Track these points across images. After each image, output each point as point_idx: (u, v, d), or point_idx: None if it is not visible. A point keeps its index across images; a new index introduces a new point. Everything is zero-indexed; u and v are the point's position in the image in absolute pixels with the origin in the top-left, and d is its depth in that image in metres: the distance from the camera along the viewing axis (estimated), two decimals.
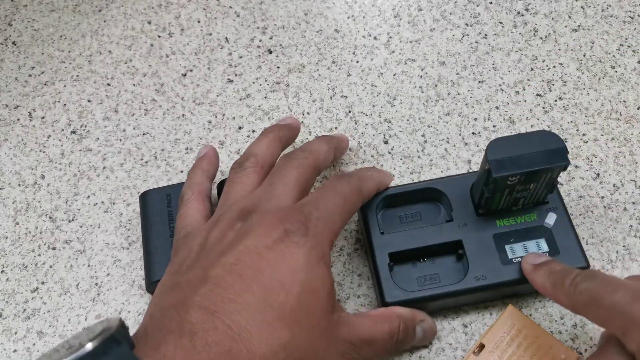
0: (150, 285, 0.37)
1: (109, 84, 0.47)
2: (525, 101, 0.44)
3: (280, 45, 0.48)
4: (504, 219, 0.36)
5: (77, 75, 0.48)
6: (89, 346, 0.22)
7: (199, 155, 0.38)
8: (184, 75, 0.47)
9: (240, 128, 0.44)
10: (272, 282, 0.26)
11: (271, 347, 0.25)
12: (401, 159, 0.42)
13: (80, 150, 0.44)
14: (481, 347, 0.33)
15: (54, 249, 0.41)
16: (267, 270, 0.26)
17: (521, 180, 0.32)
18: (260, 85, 0.46)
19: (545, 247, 0.35)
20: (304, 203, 0.30)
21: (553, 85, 0.45)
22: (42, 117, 0.46)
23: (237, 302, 0.25)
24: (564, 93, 0.45)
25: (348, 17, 0.49)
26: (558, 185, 0.38)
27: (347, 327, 0.28)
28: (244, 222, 0.29)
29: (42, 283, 0.39)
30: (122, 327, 0.24)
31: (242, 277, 0.26)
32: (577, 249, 0.34)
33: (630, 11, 0.48)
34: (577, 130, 0.43)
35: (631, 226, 0.39)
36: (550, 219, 0.34)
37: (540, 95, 0.45)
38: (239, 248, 0.27)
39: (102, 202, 0.42)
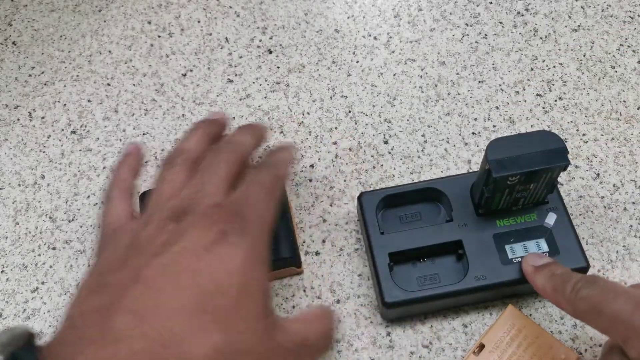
0: None
1: (109, 84, 0.47)
2: (525, 101, 0.44)
3: (280, 45, 0.48)
4: (504, 219, 0.36)
5: (77, 75, 0.48)
6: None
7: (124, 152, 0.37)
8: (184, 75, 0.47)
9: None
10: (207, 285, 0.25)
11: (204, 352, 0.24)
12: (401, 159, 0.42)
13: (80, 150, 0.44)
14: (481, 347, 0.33)
15: (54, 249, 0.41)
16: (203, 273, 0.25)
17: (521, 180, 0.32)
18: (260, 85, 0.46)
19: (545, 247, 0.35)
20: (236, 201, 0.29)
21: (553, 85, 0.45)
22: (42, 117, 0.46)
23: (169, 306, 0.24)
24: (564, 93, 0.45)
25: (348, 17, 0.49)
26: (558, 186, 0.38)
27: (281, 332, 0.28)
28: (178, 224, 0.28)
29: (42, 283, 0.39)
30: (29, 342, 0.23)
31: (176, 280, 0.25)
32: (577, 249, 0.34)
33: (630, 11, 0.48)
34: (577, 130, 0.43)
35: (631, 226, 0.39)
36: (550, 219, 0.34)
37: (540, 95, 0.45)
38: (175, 249, 0.26)
39: (102, 202, 0.42)
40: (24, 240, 0.41)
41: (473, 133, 0.43)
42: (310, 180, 0.42)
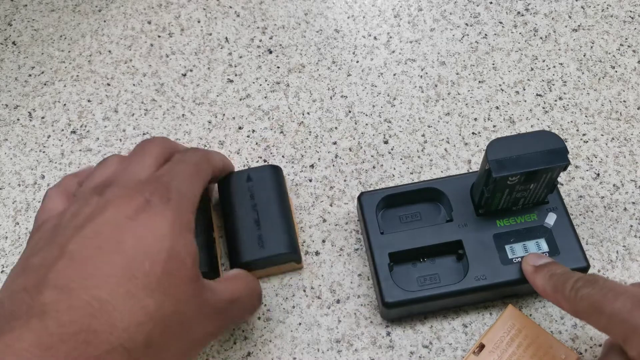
0: None
1: (109, 84, 0.47)
2: (525, 101, 0.44)
3: (280, 45, 0.48)
4: (504, 219, 0.35)
5: (77, 75, 0.48)
6: None
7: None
8: (184, 75, 0.47)
9: (240, 128, 0.44)
10: (135, 252, 0.25)
11: (136, 318, 0.24)
12: (401, 159, 0.42)
13: (80, 150, 0.44)
14: (481, 347, 0.33)
15: None
16: (130, 241, 0.25)
17: (521, 180, 0.32)
18: (260, 85, 0.46)
19: (545, 247, 0.35)
20: (160, 173, 0.29)
21: (553, 85, 0.45)
22: (42, 117, 0.46)
23: (96, 276, 0.24)
24: (564, 93, 0.45)
25: (348, 17, 0.49)
26: (558, 186, 0.38)
27: (211, 292, 0.28)
28: (101, 196, 0.28)
29: None
30: None
31: (101, 250, 0.25)
32: (577, 249, 0.34)
33: (630, 11, 0.48)
34: (577, 130, 0.43)
35: (631, 226, 0.39)
36: (551, 219, 0.34)
37: (540, 95, 0.45)
38: (97, 221, 0.26)
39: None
40: (24, 241, 0.41)
41: (473, 133, 0.43)
42: (310, 180, 0.42)
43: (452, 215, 0.36)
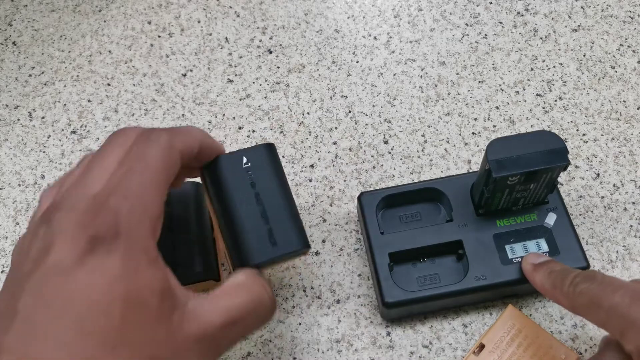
0: None
1: (109, 84, 0.47)
2: (525, 101, 0.44)
3: (280, 45, 0.48)
4: (504, 219, 0.36)
5: (77, 75, 0.48)
6: None
7: None
8: (184, 75, 0.47)
9: (240, 128, 0.44)
10: (86, 307, 0.22)
11: None
12: (401, 159, 0.42)
13: (80, 150, 0.44)
14: (481, 347, 0.33)
15: None
16: (78, 294, 0.22)
17: (521, 180, 0.32)
18: (260, 85, 0.46)
19: (545, 247, 0.35)
20: (110, 191, 0.24)
21: (553, 85, 0.45)
22: (42, 117, 0.46)
23: (49, 339, 0.21)
24: (564, 93, 0.45)
25: (348, 17, 0.49)
26: (558, 186, 0.38)
27: (196, 321, 0.24)
28: (48, 227, 0.24)
29: None
30: None
31: (50, 309, 0.22)
32: (577, 249, 0.34)
33: (630, 11, 0.48)
34: (577, 130, 0.43)
35: (631, 226, 0.39)
36: (551, 219, 0.34)
37: (540, 95, 0.45)
38: (42, 269, 0.23)
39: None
40: None
41: (473, 133, 0.43)
42: (310, 180, 0.42)
43: (452, 215, 0.36)
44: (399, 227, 0.37)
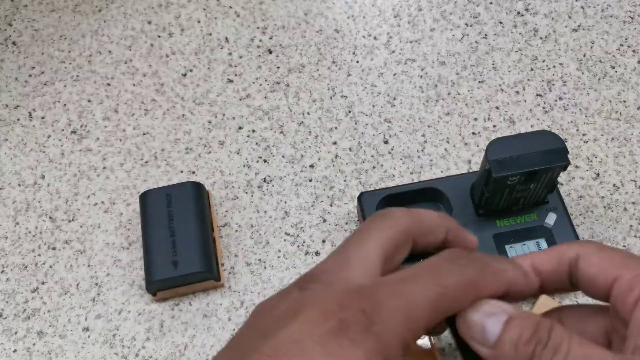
0: (150, 285, 0.37)
1: (109, 84, 0.47)
2: (525, 101, 0.44)
3: (280, 45, 0.48)
4: (504, 219, 0.35)
5: (77, 75, 0.48)
6: None
7: None
8: (184, 75, 0.47)
9: (240, 128, 0.44)
10: None
11: None
12: (401, 159, 0.42)
13: (80, 150, 0.44)
14: None
15: (54, 249, 0.41)
16: None
17: (521, 180, 0.32)
18: (260, 85, 0.46)
19: (545, 247, 0.35)
20: (381, 283, 0.23)
21: (553, 85, 0.45)
22: (42, 117, 0.46)
23: None
24: (564, 93, 0.45)
25: (348, 17, 0.49)
26: (558, 185, 0.38)
27: None
28: (300, 292, 0.23)
29: (42, 283, 0.39)
30: None
31: None
32: None
33: (630, 11, 0.48)
34: (577, 130, 0.43)
35: (631, 226, 0.39)
36: (550, 219, 0.34)
37: (540, 95, 0.45)
38: (281, 335, 0.21)
39: (102, 202, 0.42)
40: (24, 240, 0.41)
41: (473, 133, 0.43)
42: (310, 180, 0.42)
43: (452, 215, 0.36)
44: None
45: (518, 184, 0.33)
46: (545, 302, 0.34)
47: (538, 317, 0.22)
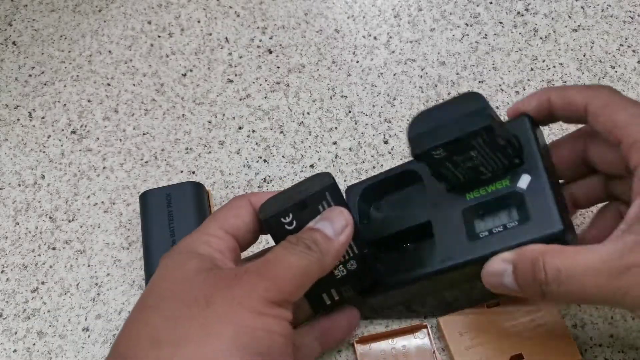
0: None
1: (109, 84, 0.47)
2: None
3: (280, 45, 0.48)
4: (473, 190, 0.31)
5: (77, 75, 0.48)
6: None
7: None
8: (184, 75, 0.47)
9: (240, 128, 0.44)
10: None
11: None
12: (401, 159, 0.42)
13: (80, 150, 0.44)
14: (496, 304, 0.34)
15: (54, 249, 0.41)
16: None
17: (450, 152, 0.29)
18: (260, 85, 0.46)
19: (516, 216, 0.30)
20: (246, 268, 0.28)
21: (553, 85, 0.45)
22: (42, 117, 0.46)
23: None
24: None
25: (348, 17, 0.49)
26: (538, 138, 0.31)
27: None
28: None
29: (42, 283, 0.39)
30: None
31: None
32: (551, 210, 0.28)
33: (630, 11, 0.48)
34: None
35: None
36: (523, 182, 0.29)
37: None
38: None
39: (102, 202, 0.42)
40: (24, 240, 0.41)
41: None
42: None
43: (426, 194, 0.33)
44: (379, 216, 0.35)
45: (455, 156, 0.29)
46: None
47: (531, 258, 0.26)
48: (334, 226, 0.29)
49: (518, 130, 0.31)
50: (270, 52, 0.48)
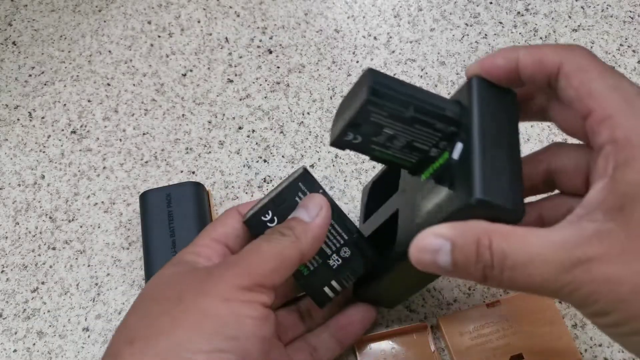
0: None
1: (109, 84, 0.47)
2: None
3: (280, 45, 0.48)
4: (426, 169, 0.29)
5: (77, 75, 0.48)
6: None
7: None
8: (184, 75, 0.47)
9: (240, 128, 0.44)
10: None
11: None
12: None
13: (80, 150, 0.44)
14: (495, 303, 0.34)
15: (54, 249, 0.41)
16: None
17: (362, 134, 0.27)
18: (260, 85, 0.46)
19: (447, 190, 0.27)
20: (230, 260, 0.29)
21: None
22: (42, 117, 0.46)
23: None
24: None
25: (348, 17, 0.49)
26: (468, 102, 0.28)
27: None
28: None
29: (42, 283, 0.39)
30: None
31: None
32: (473, 178, 0.25)
33: (630, 11, 0.48)
34: None
35: None
36: (457, 151, 0.27)
37: None
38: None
39: (102, 202, 0.42)
40: (24, 240, 0.41)
41: None
42: None
43: (398, 185, 0.32)
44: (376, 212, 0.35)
45: (373, 137, 0.27)
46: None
47: (475, 236, 0.23)
48: (309, 211, 0.29)
49: (463, 94, 0.27)
50: (270, 52, 0.48)
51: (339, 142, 0.28)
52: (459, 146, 0.26)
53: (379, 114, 0.26)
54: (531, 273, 0.22)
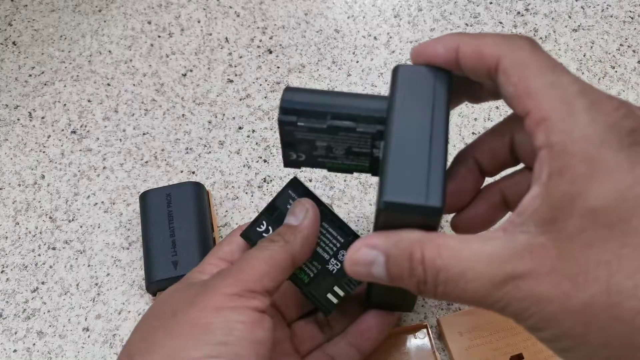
0: (150, 285, 0.37)
1: (109, 84, 0.47)
2: None
3: (280, 45, 0.48)
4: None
5: (77, 75, 0.48)
6: None
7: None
8: (184, 75, 0.47)
9: (240, 128, 0.44)
10: None
11: None
12: None
13: (80, 150, 0.44)
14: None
15: (54, 249, 0.41)
16: None
17: (303, 146, 0.28)
18: (260, 85, 0.46)
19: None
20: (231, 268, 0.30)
21: None
22: (42, 117, 0.46)
23: None
24: None
25: (348, 17, 0.49)
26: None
27: None
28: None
29: (42, 283, 0.39)
30: None
31: None
32: (384, 179, 0.24)
33: (630, 11, 0.48)
34: None
35: None
36: (381, 150, 0.26)
37: None
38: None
39: (102, 202, 0.42)
40: (24, 240, 0.41)
41: (473, 133, 0.43)
42: (310, 180, 0.42)
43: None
44: None
45: (314, 146, 0.28)
46: None
47: (408, 250, 0.23)
48: (296, 215, 0.30)
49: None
50: (270, 52, 0.48)
51: (288, 163, 0.28)
52: (382, 145, 0.25)
53: (299, 130, 0.26)
54: (463, 288, 0.22)
